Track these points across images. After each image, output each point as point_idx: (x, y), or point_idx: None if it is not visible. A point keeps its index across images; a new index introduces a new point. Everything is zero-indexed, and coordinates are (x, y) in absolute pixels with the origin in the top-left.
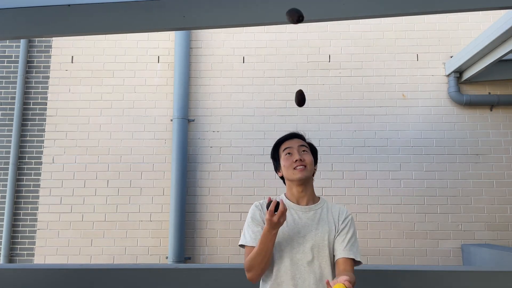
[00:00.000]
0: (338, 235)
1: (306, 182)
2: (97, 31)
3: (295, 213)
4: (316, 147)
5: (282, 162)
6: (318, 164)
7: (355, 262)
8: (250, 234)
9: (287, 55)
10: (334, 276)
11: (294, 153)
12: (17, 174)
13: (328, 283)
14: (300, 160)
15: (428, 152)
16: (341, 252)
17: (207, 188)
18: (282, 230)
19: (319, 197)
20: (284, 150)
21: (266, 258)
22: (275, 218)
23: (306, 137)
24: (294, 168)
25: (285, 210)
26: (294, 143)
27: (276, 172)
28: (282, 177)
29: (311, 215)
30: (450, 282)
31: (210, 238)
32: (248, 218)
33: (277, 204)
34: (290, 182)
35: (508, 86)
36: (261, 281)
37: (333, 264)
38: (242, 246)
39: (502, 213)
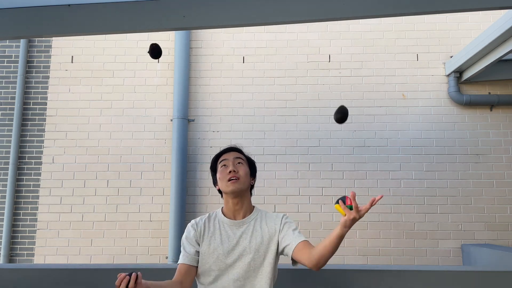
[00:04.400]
0: (280, 233)
1: (241, 195)
2: (97, 31)
3: (229, 229)
4: (251, 159)
5: (218, 174)
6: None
7: None
8: (182, 252)
9: (287, 55)
10: None
11: (229, 164)
12: (17, 174)
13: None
14: (234, 171)
15: (428, 152)
16: (294, 240)
17: (207, 188)
18: (216, 248)
19: (254, 207)
20: (220, 162)
21: None
22: None
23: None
24: (228, 180)
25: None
26: (230, 155)
27: (214, 185)
28: (219, 191)
29: (245, 228)
30: (450, 282)
31: None
32: (183, 237)
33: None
34: (226, 195)
35: (508, 86)
36: None
37: (270, 278)
38: None
39: (502, 213)
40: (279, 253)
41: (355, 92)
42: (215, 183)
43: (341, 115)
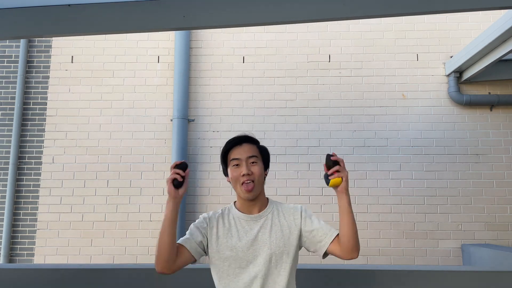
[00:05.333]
0: (307, 231)
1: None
2: (97, 31)
3: (246, 224)
4: (268, 149)
5: (230, 172)
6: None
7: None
8: (186, 236)
9: (287, 55)
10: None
11: (242, 165)
12: (17, 174)
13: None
14: (248, 174)
15: (428, 152)
16: (328, 237)
17: (207, 188)
18: (235, 245)
19: (267, 198)
20: (232, 160)
21: (164, 241)
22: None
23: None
24: (242, 184)
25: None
26: (243, 153)
27: (224, 175)
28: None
29: (263, 222)
30: (450, 282)
31: None
32: (192, 224)
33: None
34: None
35: (508, 86)
36: None
37: (291, 272)
38: None
39: (502, 213)
40: (300, 247)
41: (355, 92)
42: (225, 173)
43: None
